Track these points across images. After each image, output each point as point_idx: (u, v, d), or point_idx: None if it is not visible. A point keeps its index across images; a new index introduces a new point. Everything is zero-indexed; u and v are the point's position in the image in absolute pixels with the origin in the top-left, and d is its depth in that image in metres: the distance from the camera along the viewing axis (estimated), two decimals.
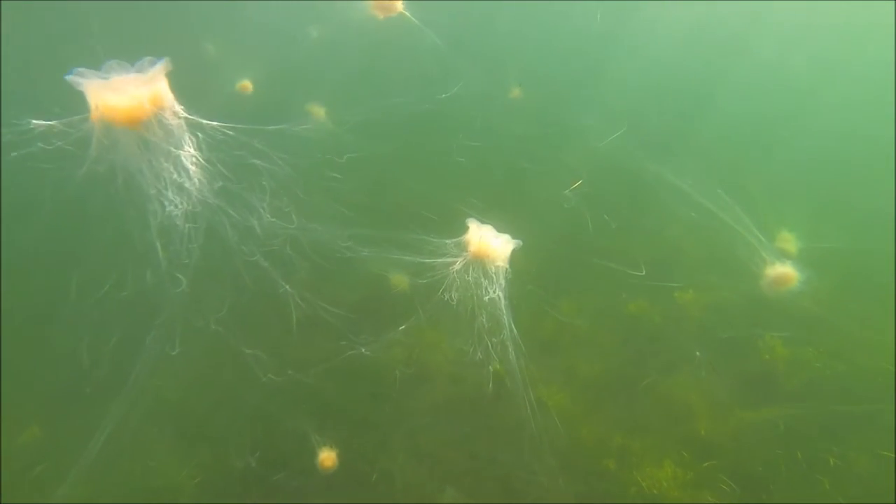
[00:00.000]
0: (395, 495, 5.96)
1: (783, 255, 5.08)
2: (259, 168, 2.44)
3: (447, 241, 3.28)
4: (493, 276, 3.27)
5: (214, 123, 2.31)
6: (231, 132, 2.34)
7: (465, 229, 3.33)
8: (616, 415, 6.48)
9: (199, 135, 2.33)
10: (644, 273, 5.39)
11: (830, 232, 6.41)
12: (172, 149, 2.19)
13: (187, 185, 2.25)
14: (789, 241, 5.86)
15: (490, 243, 3.22)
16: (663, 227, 7.08)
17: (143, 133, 2.17)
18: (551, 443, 5.79)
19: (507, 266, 3.29)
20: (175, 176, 2.22)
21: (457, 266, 3.21)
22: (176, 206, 2.24)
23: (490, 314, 3.34)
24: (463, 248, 3.26)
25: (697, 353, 5.53)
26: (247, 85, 9.73)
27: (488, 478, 6.19)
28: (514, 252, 3.35)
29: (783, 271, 4.89)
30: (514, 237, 3.33)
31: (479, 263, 3.24)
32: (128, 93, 2.08)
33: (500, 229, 3.34)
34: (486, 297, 3.24)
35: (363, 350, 4.34)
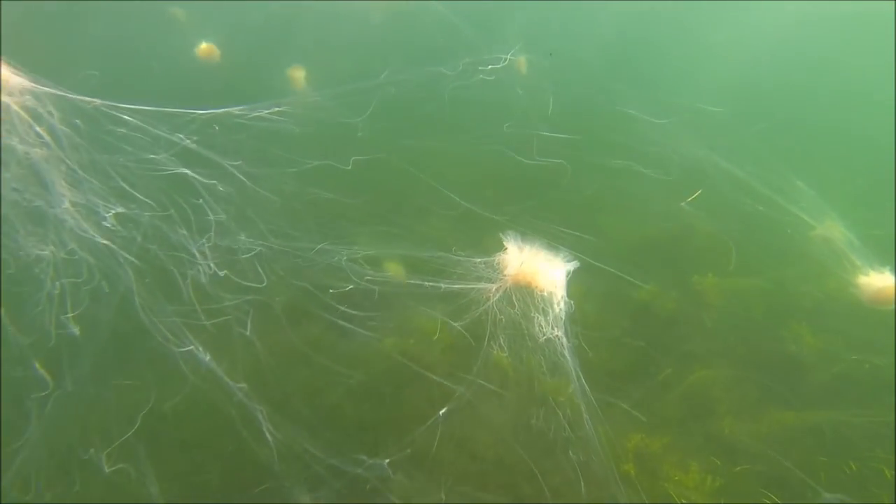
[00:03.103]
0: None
1: (877, 262, 4.19)
2: (189, 182, 1.39)
3: (477, 261, 2.34)
4: (547, 307, 2.37)
5: (98, 102, 1.23)
6: (134, 119, 1.27)
7: (504, 246, 2.41)
8: (631, 410, 5.79)
9: (79, 123, 1.24)
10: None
11: (876, 218, 5.62)
12: (19, 147, 1.14)
13: (55, 211, 1.19)
14: (834, 228, 5.06)
15: (537, 267, 2.29)
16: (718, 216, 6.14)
17: None
18: (564, 444, 5.07)
19: (565, 294, 2.38)
20: (28, 196, 1.16)
21: (495, 295, 2.29)
22: (38, 248, 1.19)
23: (549, 360, 2.47)
24: (500, 270, 2.34)
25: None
26: (210, 48, 8.16)
27: (493, 484, 5.49)
28: (570, 276, 2.45)
29: (888, 286, 3.99)
30: (571, 257, 2.41)
31: (525, 292, 2.34)
32: None
33: (551, 246, 2.42)
34: (542, 338, 2.35)
35: (384, 463, 3.35)
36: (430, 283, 2.33)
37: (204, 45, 7.98)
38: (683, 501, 4.63)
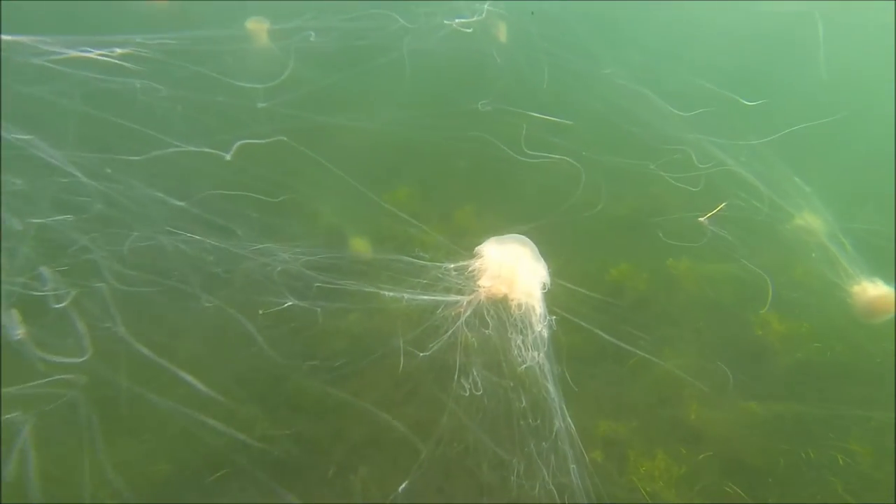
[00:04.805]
0: (354, 494, 5.08)
1: (870, 275, 4.05)
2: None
3: (449, 266, 2.01)
4: (525, 324, 2.09)
5: None
6: None
7: (477, 250, 2.08)
8: (600, 395, 5.76)
9: None
10: None
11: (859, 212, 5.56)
12: None
13: None
14: (813, 219, 4.97)
15: (515, 275, 1.99)
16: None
17: None
18: (529, 431, 4.98)
19: (544, 309, 2.10)
20: None
21: (466, 311, 1.99)
22: None
23: (529, 393, 2.20)
24: (473, 279, 2.03)
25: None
26: None
27: (459, 470, 5.40)
28: (546, 286, 2.16)
29: (881, 295, 3.86)
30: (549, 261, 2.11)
31: (500, 306, 2.06)
32: None
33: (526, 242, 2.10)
34: (522, 366, 2.08)
35: None
36: (391, 294, 2.02)
37: None
38: (649, 490, 4.65)
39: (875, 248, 4.86)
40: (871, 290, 4.05)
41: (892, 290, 4.00)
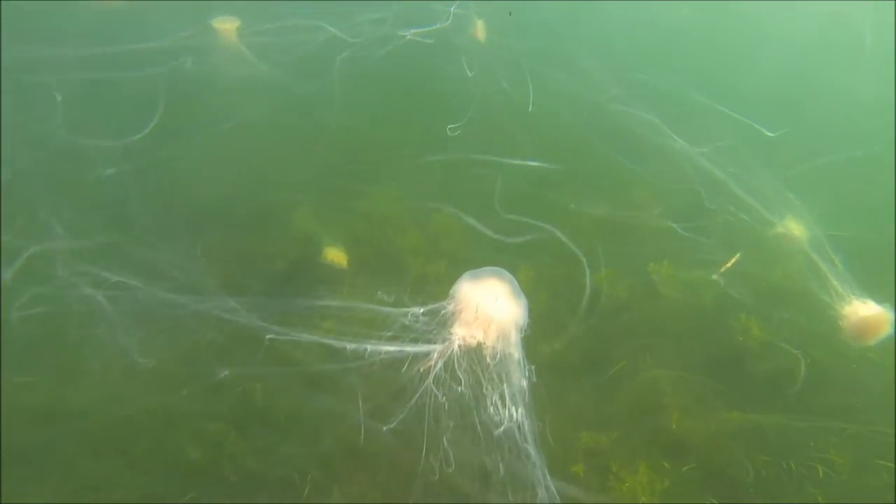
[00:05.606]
0: None
1: (858, 292, 3.94)
2: None
3: (418, 311, 1.82)
4: (502, 376, 1.90)
5: None
6: None
7: (451, 292, 1.88)
8: (581, 406, 5.66)
9: None
10: None
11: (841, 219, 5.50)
12: None
13: None
14: (795, 228, 4.90)
15: (495, 317, 1.81)
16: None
17: None
18: (510, 444, 4.85)
19: (523, 356, 1.91)
20: None
21: (436, 365, 1.79)
22: None
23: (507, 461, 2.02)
24: (446, 322, 1.84)
25: None
26: None
27: (437, 484, 5.25)
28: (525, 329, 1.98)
29: (872, 315, 3.77)
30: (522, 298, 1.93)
31: (474, 355, 1.87)
32: None
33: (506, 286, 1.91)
34: (499, 428, 1.88)
35: None
36: (352, 347, 1.84)
37: None
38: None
39: (867, 266, 4.83)
40: (863, 309, 3.98)
41: (884, 309, 3.92)
